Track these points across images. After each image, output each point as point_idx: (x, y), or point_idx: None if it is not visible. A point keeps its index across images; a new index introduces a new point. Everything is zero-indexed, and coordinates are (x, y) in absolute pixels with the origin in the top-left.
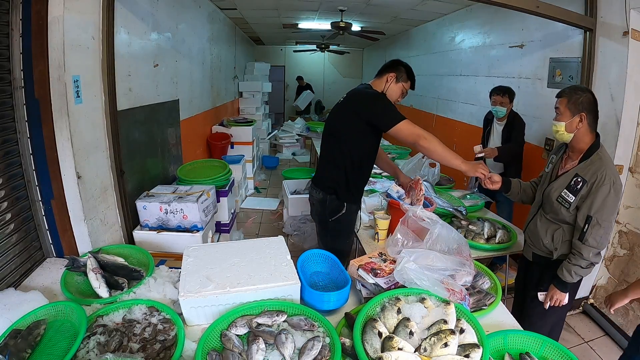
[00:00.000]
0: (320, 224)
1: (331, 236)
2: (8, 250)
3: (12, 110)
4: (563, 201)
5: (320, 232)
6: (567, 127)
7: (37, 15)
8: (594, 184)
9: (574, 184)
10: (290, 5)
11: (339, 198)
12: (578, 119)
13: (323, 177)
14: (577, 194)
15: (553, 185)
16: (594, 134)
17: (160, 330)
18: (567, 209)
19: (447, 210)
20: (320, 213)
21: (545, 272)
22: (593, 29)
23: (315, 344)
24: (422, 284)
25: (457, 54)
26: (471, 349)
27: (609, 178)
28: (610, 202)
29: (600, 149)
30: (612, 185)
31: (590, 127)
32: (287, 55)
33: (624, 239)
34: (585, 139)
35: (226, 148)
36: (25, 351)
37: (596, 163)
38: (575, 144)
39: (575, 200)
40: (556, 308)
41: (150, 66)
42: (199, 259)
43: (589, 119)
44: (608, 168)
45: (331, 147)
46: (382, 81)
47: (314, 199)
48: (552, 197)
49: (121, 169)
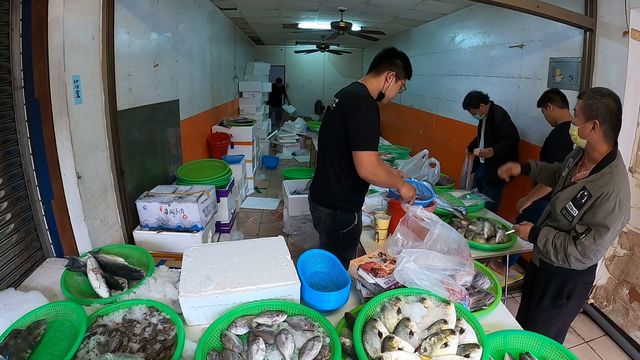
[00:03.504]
0: (329, 236)
1: (341, 247)
2: (8, 250)
3: (12, 110)
4: (566, 213)
5: (329, 244)
6: (580, 133)
7: (37, 15)
8: (598, 199)
9: (580, 197)
10: (290, 5)
11: (349, 210)
12: (591, 126)
13: (325, 193)
14: (580, 209)
15: (559, 195)
16: (612, 144)
17: (160, 330)
18: (569, 222)
19: (447, 210)
20: (331, 226)
21: (550, 280)
22: (593, 29)
23: (315, 344)
24: (422, 284)
25: (457, 54)
26: (471, 349)
27: (615, 196)
28: (613, 218)
29: (615, 161)
30: (617, 202)
31: (605, 136)
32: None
33: (624, 239)
34: (599, 148)
35: (226, 148)
36: (25, 351)
37: (606, 177)
38: (589, 151)
39: (578, 215)
40: (560, 316)
41: (150, 66)
42: (199, 259)
43: (604, 128)
44: (616, 184)
45: (330, 161)
46: (381, 80)
47: (321, 213)
48: (556, 207)
49: (121, 169)
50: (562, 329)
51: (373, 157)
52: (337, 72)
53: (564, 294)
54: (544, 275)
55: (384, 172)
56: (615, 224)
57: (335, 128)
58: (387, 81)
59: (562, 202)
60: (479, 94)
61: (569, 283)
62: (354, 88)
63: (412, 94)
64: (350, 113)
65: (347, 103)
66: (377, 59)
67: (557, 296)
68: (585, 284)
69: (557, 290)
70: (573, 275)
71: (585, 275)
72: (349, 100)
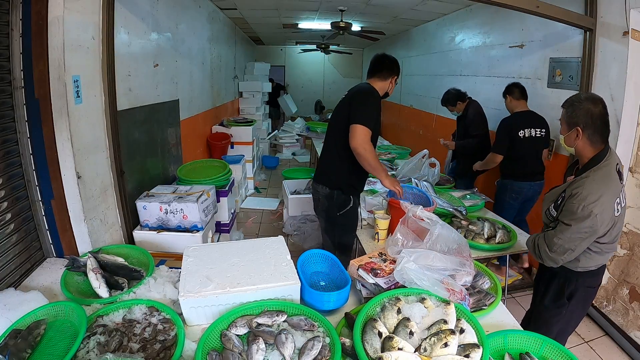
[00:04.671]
0: (327, 219)
1: (339, 230)
2: (8, 250)
3: (12, 110)
4: (549, 214)
5: (327, 227)
6: (566, 141)
7: (37, 15)
8: (568, 196)
9: (558, 200)
10: (290, 5)
11: (345, 192)
12: (574, 134)
13: (327, 172)
14: (558, 209)
15: (546, 197)
16: (600, 147)
17: (160, 330)
18: (551, 221)
19: (447, 210)
20: (328, 208)
21: (553, 279)
22: (593, 29)
23: (315, 344)
24: (422, 284)
25: (457, 54)
26: (471, 349)
27: (581, 198)
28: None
29: (598, 165)
30: (582, 205)
31: (590, 141)
32: (287, 55)
33: (624, 239)
34: (586, 153)
35: (226, 148)
36: (25, 351)
37: (580, 181)
38: (579, 157)
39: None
40: (560, 317)
41: (150, 66)
42: (199, 259)
43: (588, 133)
44: (587, 188)
45: (334, 142)
46: (387, 83)
47: (320, 195)
48: (543, 209)
49: (121, 169)
50: (562, 332)
51: (366, 131)
52: (337, 72)
53: (565, 294)
54: (549, 274)
55: (372, 151)
56: (577, 224)
57: (342, 114)
58: (392, 83)
59: (547, 204)
60: (457, 92)
61: (570, 284)
62: (363, 85)
63: (412, 94)
64: (355, 98)
65: (355, 92)
66: (379, 65)
67: (558, 295)
68: (588, 287)
69: (559, 290)
70: (575, 276)
71: (588, 278)
72: (357, 90)
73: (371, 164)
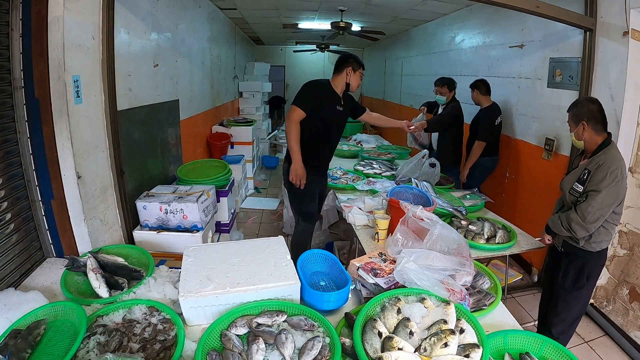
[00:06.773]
0: (289, 191)
1: (297, 200)
2: (8, 250)
3: (12, 110)
4: (574, 192)
5: (290, 198)
6: (576, 136)
7: (37, 15)
8: (594, 169)
9: (582, 176)
10: (290, 5)
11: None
12: (581, 128)
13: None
14: (584, 184)
15: (566, 178)
16: (603, 135)
17: (160, 330)
18: (577, 198)
19: (447, 210)
20: (285, 180)
21: (571, 263)
22: (593, 29)
23: (315, 344)
24: (422, 284)
25: (457, 54)
26: (471, 349)
27: (607, 166)
28: (605, 184)
29: (609, 146)
30: (609, 171)
31: (595, 130)
32: (287, 55)
33: (624, 239)
34: (595, 140)
35: (226, 148)
36: (25, 351)
37: (600, 157)
38: (587, 147)
39: (583, 190)
40: (581, 297)
41: (150, 66)
42: (199, 259)
43: (592, 124)
44: (608, 159)
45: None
46: (343, 75)
47: (284, 171)
48: (565, 190)
49: (121, 169)
50: (582, 309)
51: (294, 109)
52: None
53: (585, 274)
54: (566, 260)
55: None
56: (607, 188)
57: None
58: (347, 75)
59: (569, 183)
60: (449, 78)
61: (588, 264)
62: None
63: (412, 94)
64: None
65: None
66: (336, 64)
67: (578, 277)
68: (600, 265)
69: (579, 271)
70: (593, 257)
71: (601, 257)
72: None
73: (289, 140)
